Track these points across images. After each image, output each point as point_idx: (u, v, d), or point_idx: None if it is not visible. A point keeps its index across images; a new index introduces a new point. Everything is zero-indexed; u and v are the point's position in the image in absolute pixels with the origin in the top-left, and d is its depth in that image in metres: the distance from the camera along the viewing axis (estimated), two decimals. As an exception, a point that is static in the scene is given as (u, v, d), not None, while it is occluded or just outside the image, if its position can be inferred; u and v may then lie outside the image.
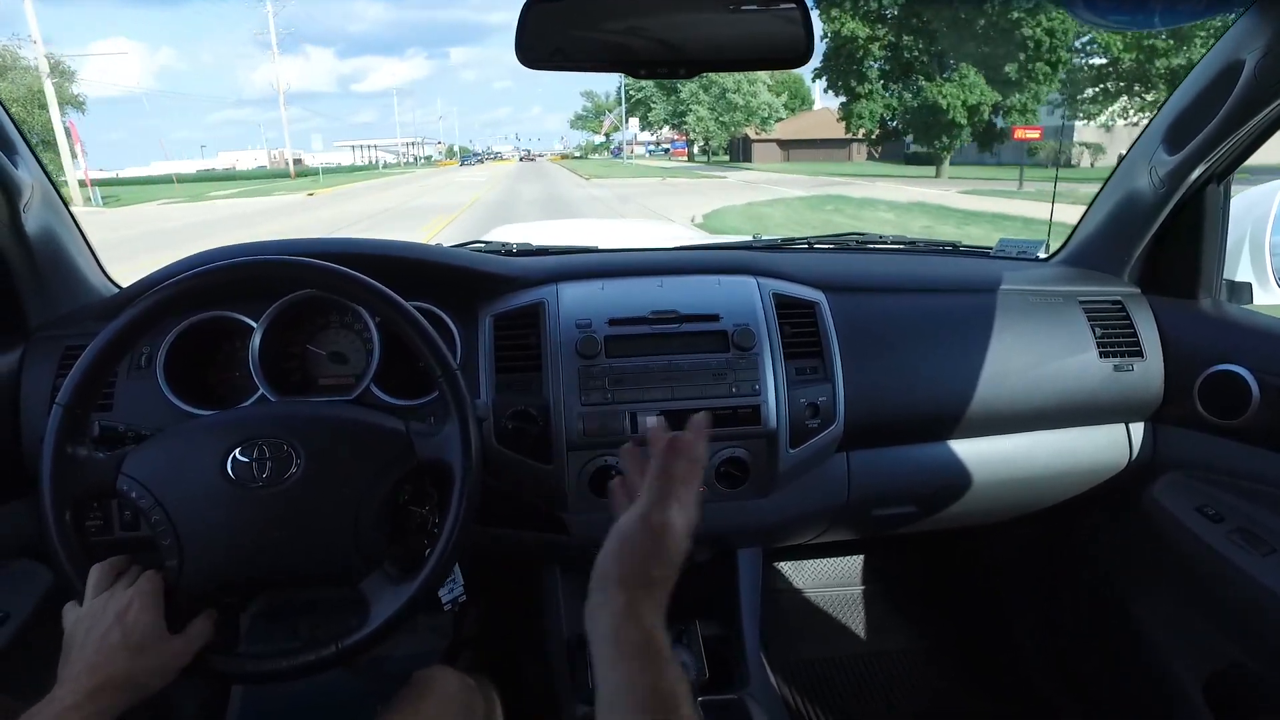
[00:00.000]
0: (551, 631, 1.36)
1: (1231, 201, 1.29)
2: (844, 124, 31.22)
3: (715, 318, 1.16)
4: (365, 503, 0.83)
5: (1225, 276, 1.34)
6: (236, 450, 0.82)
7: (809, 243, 1.55)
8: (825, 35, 27.85)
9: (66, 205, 1.21)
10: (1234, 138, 1.13)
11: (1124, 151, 1.37)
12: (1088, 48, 25.06)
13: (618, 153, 78.36)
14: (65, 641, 0.74)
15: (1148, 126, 1.28)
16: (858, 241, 1.58)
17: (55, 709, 0.66)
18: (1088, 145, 27.26)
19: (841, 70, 28.97)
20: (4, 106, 1.05)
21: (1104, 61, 24.74)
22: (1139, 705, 1.41)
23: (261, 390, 1.07)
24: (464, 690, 0.96)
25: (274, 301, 1.11)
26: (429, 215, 15.16)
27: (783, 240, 1.56)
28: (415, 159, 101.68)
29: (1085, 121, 27.06)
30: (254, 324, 1.10)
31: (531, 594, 1.45)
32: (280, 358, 1.16)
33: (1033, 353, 1.26)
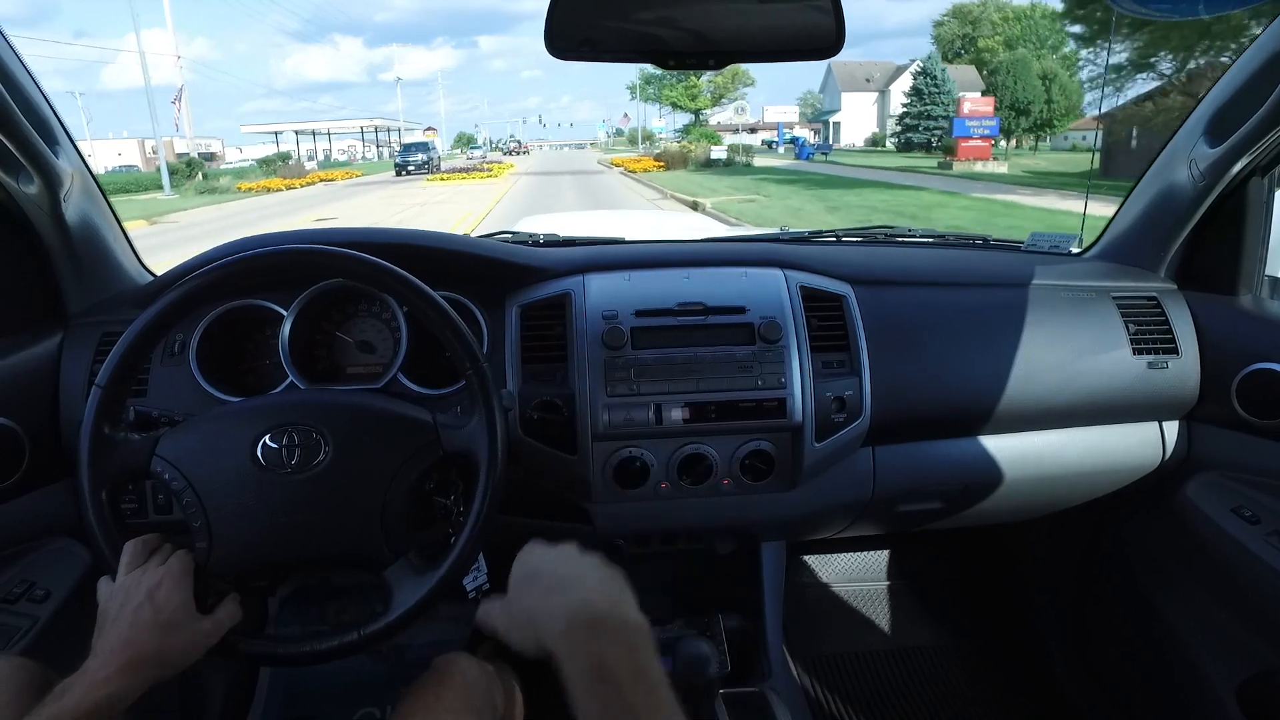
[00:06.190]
0: None
1: (1277, 196, 1.25)
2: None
3: (742, 310, 1.16)
4: (391, 491, 0.84)
5: (1268, 273, 1.30)
6: (266, 436, 0.84)
7: (837, 235, 1.54)
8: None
9: (104, 194, 1.24)
10: None
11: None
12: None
13: (806, 152, 37.05)
14: (99, 615, 0.76)
15: (1187, 118, 1.25)
16: (886, 234, 1.56)
17: (87, 681, 0.68)
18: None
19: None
20: (45, 96, 1.07)
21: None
22: (1170, 709, 1.38)
23: (291, 378, 1.09)
24: (484, 677, 0.97)
25: (304, 290, 1.12)
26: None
27: (810, 233, 1.55)
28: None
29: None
30: (284, 312, 1.12)
31: None
32: (309, 346, 1.18)
33: (1064, 348, 1.24)
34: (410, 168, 31.68)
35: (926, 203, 14.61)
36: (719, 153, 30.61)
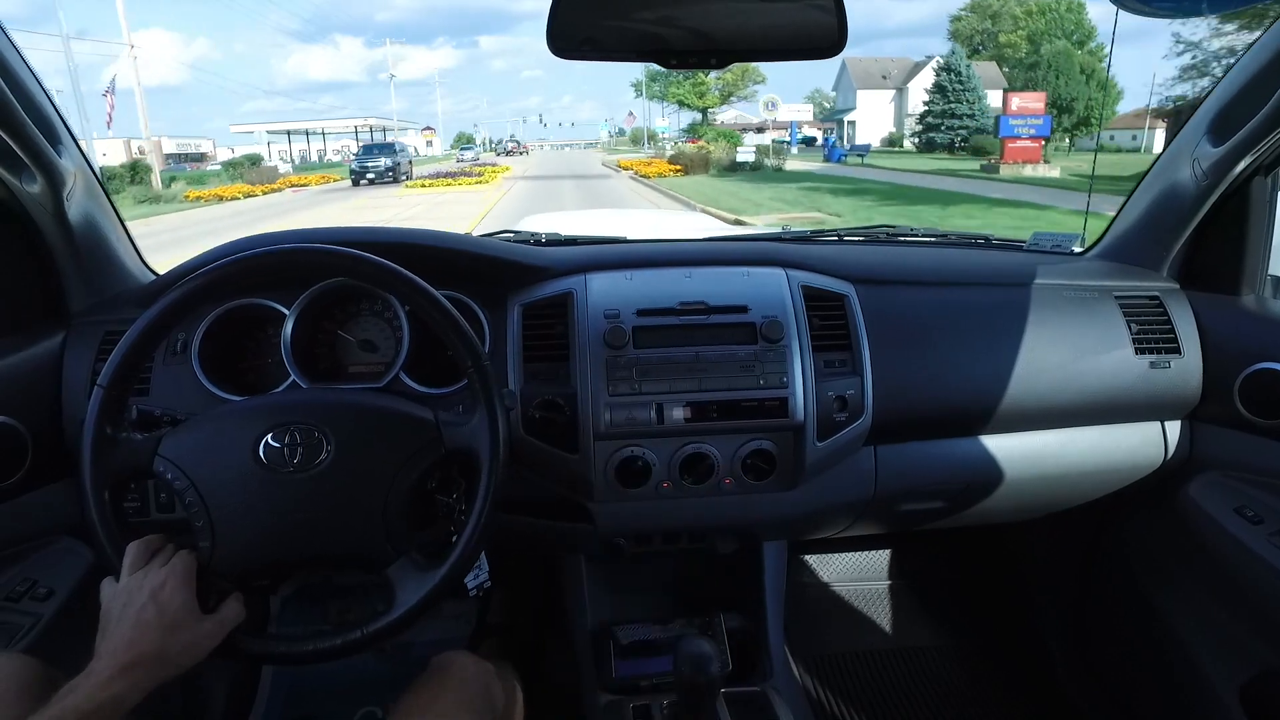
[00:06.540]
0: (575, 620, 1.37)
1: None
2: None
3: (744, 309, 1.16)
4: (393, 490, 0.84)
5: (1271, 272, 1.30)
6: (269, 435, 0.84)
7: (838, 235, 1.54)
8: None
9: (107, 194, 1.24)
10: None
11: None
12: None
13: (838, 154, 32.04)
14: (102, 616, 0.76)
15: (1190, 117, 1.25)
16: (888, 234, 1.56)
17: (92, 682, 0.69)
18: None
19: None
20: (48, 96, 1.07)
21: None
22: (1170, 709, 1.38)
23: (293, 377, 1.09)
24: (484, 675, 0.97)
25: (306, 289, 1.12)
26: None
27: (812, 232, 1.55)
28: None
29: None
30: (286, 311, 1.12)
31: (555, 583, 1.47)
32: (311, 345, 1.18)
33: (1066, 348, 1.24)
34: (369, 176, 24.01)
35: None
36: (746, 155, 25.08)
